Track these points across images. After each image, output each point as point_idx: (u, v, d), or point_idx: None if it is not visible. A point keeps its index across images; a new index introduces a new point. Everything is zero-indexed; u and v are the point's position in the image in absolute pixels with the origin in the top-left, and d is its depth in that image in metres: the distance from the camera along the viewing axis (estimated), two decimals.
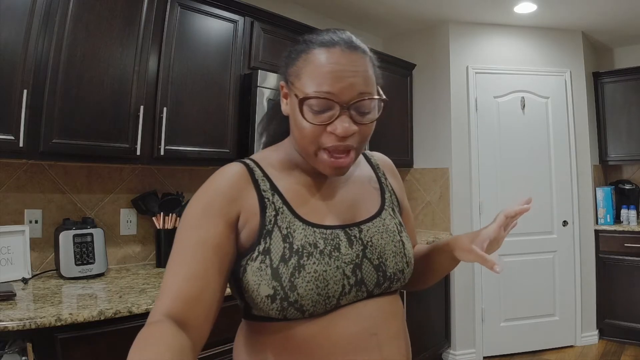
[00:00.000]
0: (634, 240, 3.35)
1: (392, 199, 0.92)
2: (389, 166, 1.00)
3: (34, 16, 1.58)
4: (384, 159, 1.01)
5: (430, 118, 3.44)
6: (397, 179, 0.99)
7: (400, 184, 1.00)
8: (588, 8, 3.08)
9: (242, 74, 2.27)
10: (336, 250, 0.77)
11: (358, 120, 0.76)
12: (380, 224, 0.84)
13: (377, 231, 0.83)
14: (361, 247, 0.79)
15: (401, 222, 0.89)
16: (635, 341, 3.33)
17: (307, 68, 0.76)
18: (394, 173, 0.99)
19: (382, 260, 0.80)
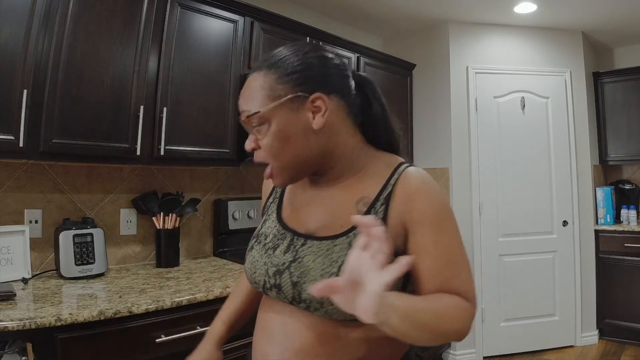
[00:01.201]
0: (634, 240, 3.35)
1: None
2: (409, 191, 0.81)
3: (34, 16, 1.58)
4: (409, 182, 0.82)
5: (430, 118, 3.44)
6: (414, 209, 0.80)
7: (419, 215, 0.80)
8: (588, 8, 3.08)
9: (242, 74, 2.27)
10: (272, 250, 0.85)
11: (258, 136, 0.82)
12: (326, 247, 0.79)
13: (315, 252, 0.79)
14: (291, 258, 0.81)
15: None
16: (635, 341, 3.33)
17: None
18: (411, 201, 0.80)
19: (301, 281, 0.78)
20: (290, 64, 0.81)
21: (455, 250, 0.81)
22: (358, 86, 0.88)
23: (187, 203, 2.25)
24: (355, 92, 0.87)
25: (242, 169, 2.67)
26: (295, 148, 0.80)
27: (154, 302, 1.51)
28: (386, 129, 0.90)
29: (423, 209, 0.79)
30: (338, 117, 0.83)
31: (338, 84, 0.83)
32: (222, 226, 2.45)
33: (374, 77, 3.29)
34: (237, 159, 2.24)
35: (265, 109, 0.79)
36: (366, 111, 0.88)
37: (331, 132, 0.82)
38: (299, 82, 0.80)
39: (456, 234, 0.82)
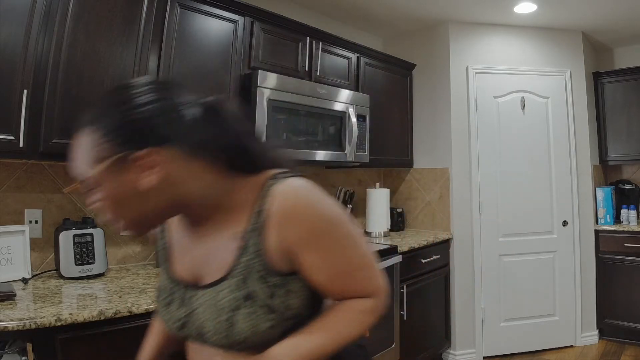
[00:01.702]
0: (634, 240, 3.35)
1: (251, 263, 0.75)
2: (282, 215, 0.74)
3: (34, 16, 1.58)
4: (281, 205, 0.74)
5: (430, 118, 3.44)
6: (292, 231, 0.74)
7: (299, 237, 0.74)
8: (588, 8, 3.08)
9: (242, 74, 2.27)
10: (168, 306, 0.83)
11: (91, 200, 0.76)
12: (211, 296, 0.76)
13: (205, 302, 0.76)
14: (186, 312, 0.79)
15: (251, 295, 0.74)
16: (635, 341, 3.33)
17: None
18: (287, 224, 0.74)
19: (201, 333, 0.77)
20: (112, 119, 0.72)
21: (345, 261, 0.78)
22: (206, 113, 0.78)
23: None
24: (201, 124, 0.76)
25: None
26: (136, 209, 0.74)
27: (154, 302, 1.51)
28: (248, 150, 0.80)
29: (298, 231, 0.74)
30: (178, 165, 0.74)
31: (171, 130, 0.73)
32: None
33: (374, 77, 3.30)
34: None
35: (91, 175, 0.72)
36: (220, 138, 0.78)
37: (174, 184, 0.74)
38: (124, 140, 0.71)
39: (345, 242, 0.78)
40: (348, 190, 3.15)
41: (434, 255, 3.02)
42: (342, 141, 2.66)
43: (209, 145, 0.77)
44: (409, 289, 2.76)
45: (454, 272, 3.23)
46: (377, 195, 3.18)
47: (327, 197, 0.80)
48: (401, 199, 3.59)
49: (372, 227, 3.17)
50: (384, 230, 3.16)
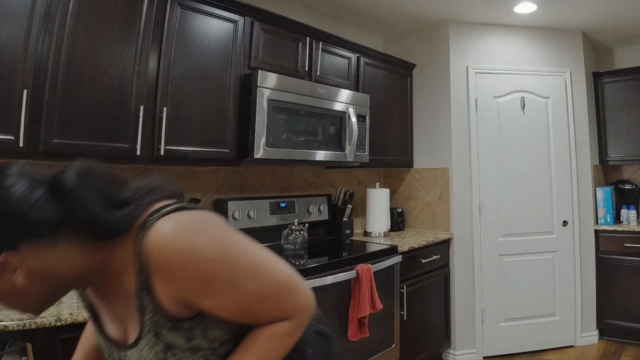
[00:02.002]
0: (634, 240, 3.35)
1: (155, 319, 0.73)
2: (159, 270, 0.70)
3: (34, 16, 1.58)
4: (158, 261, 0.69)
5: (430, 118, 3.44)
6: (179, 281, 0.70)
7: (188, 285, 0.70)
8: (588, 8, 3.08)
9: (242, 74, 2.27)
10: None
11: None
12: (138, 355, 0.75)
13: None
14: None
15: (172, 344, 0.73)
16: (635, 341, 3.33)
17: None
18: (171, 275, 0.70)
19: None
20: None
21: (244, 295, 0.73)
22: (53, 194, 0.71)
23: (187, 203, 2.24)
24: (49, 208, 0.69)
25: (242, 169, 2.67)
26: (24, 300, 0.72)
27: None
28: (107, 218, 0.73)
29: (183, 283, 0.70)
30: (41, 257, 0.69)
31: (17, 231, 0.68)
32: None
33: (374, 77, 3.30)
34: (237, 159, 2.24)
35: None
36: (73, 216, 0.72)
37: (44, 274, 0.70)
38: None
39: (237, 276, 0.72)
40: (348, 190, 3.15)
41: (434, 255, 3.02)
42: (342, 141, 2.66)
43: (64, 227, 0.71)
44: (409, 289, 2.76)
45: (454, 272, 3.23)
46: (377, 195, 3.18)
47: (211, 227, 0.73)
48: (401, 199, 3.59)
49: (372, 227, 3.17)
50: (384, 230, 3.16)
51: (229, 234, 0.75)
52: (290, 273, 0.79)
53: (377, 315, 2.41)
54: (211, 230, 0.73)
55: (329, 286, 2.16)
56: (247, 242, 0.77)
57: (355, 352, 2.30)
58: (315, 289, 2.10)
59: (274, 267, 0.77)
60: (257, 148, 2.19)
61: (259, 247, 0.79)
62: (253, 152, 2.18)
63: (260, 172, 2.77)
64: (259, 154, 2.20)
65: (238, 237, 0.76)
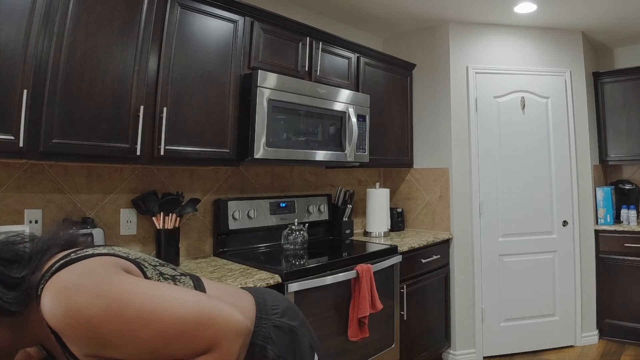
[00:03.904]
0: (634, 240, 3.35)
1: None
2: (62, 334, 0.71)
3: (34, 16, 1.58)
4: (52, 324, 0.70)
5: (430, 118, 3.44)
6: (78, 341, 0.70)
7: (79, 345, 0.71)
8: (588, 8, 3.08)
9: (242, 74, 2.27)
10: None
11: None
12: None
13: None
14: None
15: None
16: (635, 341, 3.33)
17: None
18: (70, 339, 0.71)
19: None
20: None
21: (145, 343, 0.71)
22: None
23: (187, 203, 2.25)
24: None
25: (242, 169, 2.67)
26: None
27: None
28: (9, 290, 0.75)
29: (81, 344, 0.70)
30: None
31: None
32: (222, 226, 2.45)
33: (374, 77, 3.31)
34: (237, 159, 2.24)
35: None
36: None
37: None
38: None
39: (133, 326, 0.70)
40: (348, 190, 3.15)
41: (434, 255, 3.02)
42: (342, 141, 2.66)
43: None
44: (409, 289, 2.76)
45: (454, 272, 3.23)
46: (377, 195, 3.18)
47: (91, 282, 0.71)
48: (401, 199, 3.59)
49: (372, 227, 3.17)
50: (384, 230, 3.16)
51: (114, 284, 0.72)
52: (197, 306, 0.74)
53: (377, 315, 2.41)
54: (91, 286, 0.71)
55: (329, 286, 2.16)
56: (139, 286, 0.74)
57: (355, 352, 2.30)
58: (315, 289, 2.10)
59: (172, 307, 0.73)
60: (257, 148, 2.19)
61: (156, 287, 0.75)
62: (253, 152, 2.18)
63: (260, 172, 2.77)
64: (259, 154, 2.20)
65: (127, 284, 0.73)
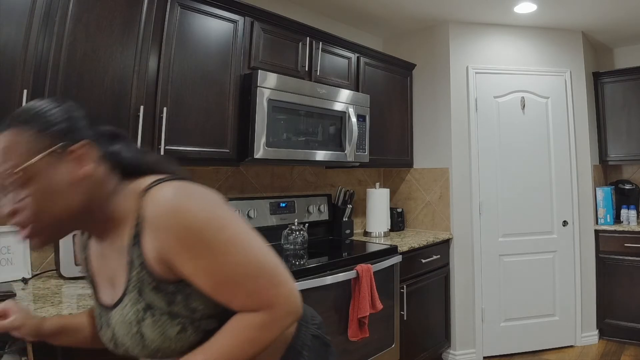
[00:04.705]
0: (634, 240, 3.35)
1: (140, 276, 0.76)
2: (155, 221, 0.74)
3: (34, 16, 1.58)
4: (153, 213, 0.74)
5: (430, 118, 3.44)
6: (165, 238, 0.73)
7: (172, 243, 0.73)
8: (588, 8, 3.08)
9: (242, 74, 2.27)
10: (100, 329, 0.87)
11: (15, 199, 0.73)
12: (119, 314, 0.79)
13: (119, 321, 0.80)
14: (112, 333, 0.83)
15: (151, 304, 0.76)
16: (635, 341, 3.33)
17: None
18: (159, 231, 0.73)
19: (127, 350, 0.81)
20: (48, 115, 0.77)
21: (223, 271, 0.73)
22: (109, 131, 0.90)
23: None
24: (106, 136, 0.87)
25: (242, 169, 2.67)
26: (60, 203, 0.75)
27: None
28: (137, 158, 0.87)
29: (168, 238, 0.72)
30: (97, 164, 0.80)
31: (90, 131, 0.82)
32: None
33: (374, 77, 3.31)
34: (237, 159, 2.24)
35: (28, 164, 0.73)
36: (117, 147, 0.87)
37: (95, 181, 0.79)
38: (61, 133, 0.77)
39: (223, 249, 0.73)
40: (348, 190, 3.15)
41: (434, 255, 3.02)
42: (342, 141, 2.66)
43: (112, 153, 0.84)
44: (409, 289, 2.76)
45: (453, 272, 3.23)
46: (377, 195, 3.18)
47: (206, 197, 0.76)
48: (401, 199, 3.59)
49: (372, 227, 3.17)
50: (384, 230, 3.16)
51: (222, 209, 0.77)
52: (275, 263, 0.77)
53: (377, 315, 2.41)
54: (205, 199, 0.76)
55: (328, 286, 2.16)
56: (239, 221, 0.77)
57: (355, 352, 2.30)
58: (315, 289, 2.10)
59: (258, 250, 0.76)
60: (257, 148, 2.19)
61: (252, 232, 0.78)
62: (253, 152, 2.18)
63: (260, 172, 2.77)
64: (259, 154, 2.20)
65: (231, 214, 0.77)
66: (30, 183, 0.73)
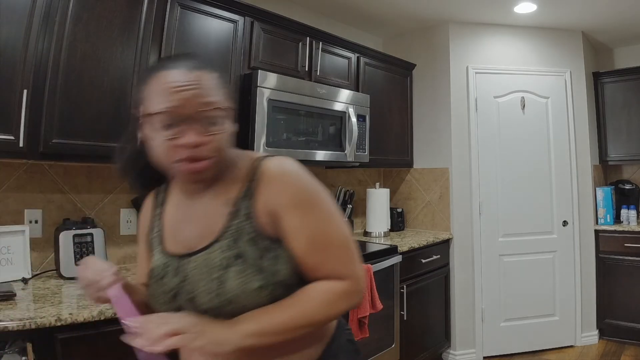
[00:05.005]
0: (634, 240, 3.35)
1: (241, 225, 0.83)
2: (270, 179, 0.84)
3: (34, 16, 1.58)
4: (269, 171, 0.85)
5: (430, 118, 3.44)
6: (277, 194, 0.83)
7: (283, 199, 0.83)
8: (588, 8, 3.08)
9: (242, 74, 2.27)
10: (161, 279, 0.88)
11: (205, 131, 0.80)
12: (203, 258, 0.83)
13: (198, 266, 0.83)
14: (181, 280, 0.85)
15: (241, 254, 0.81)
16: (635, 341, 3.33)
17: (150, 90, 0.82)
18: (273, 187, 0.84)
19: (193, 296, 0.82)
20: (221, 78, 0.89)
21: (324, 232, 0.83)
22: None
23: None
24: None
25: None
26: (225, 148, 0.85)
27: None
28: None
29: (283, 192, 0.83)
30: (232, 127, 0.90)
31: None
32: None
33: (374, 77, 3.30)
34: None
35: (228, 106, 0.84)
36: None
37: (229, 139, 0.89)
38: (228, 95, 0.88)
39: (326, 215, 0.84)
40: (348, 190, 3.15)
41: (434, 255, 3.02)
42: (342, 141, 2.66)
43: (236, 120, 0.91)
44: (409, 289, 2.76)
45: (454, 272, 3.23)
46: (377, 195, 3.18)
47: (313, 179, 0.88)
48: (401, 199, 3.59)
49: (372, 227, 3.17)
50: (384, 230, 3.16)
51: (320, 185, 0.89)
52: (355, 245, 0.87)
53: (377, 315, 2.41)
54: (314, 180, 0.89)
55: None
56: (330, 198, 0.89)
57: None
58: None
59: (346, 227, 0.88)
60: (257, 148, 2.19)
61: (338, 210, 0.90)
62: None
63: None
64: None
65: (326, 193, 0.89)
66: (223, 122, 0.83)
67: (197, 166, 0.80)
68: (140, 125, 0.86)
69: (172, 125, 0.79)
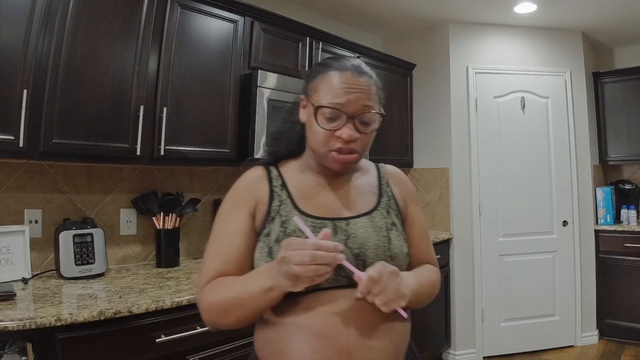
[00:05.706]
0: (634, 240, 3.35)
1: (389, 202, 1.02)
2: (396, 176, 1.10)
3: (34, 16, 1.58)
4: (392, 171, 1.11)
5: (430, 118, 3.44)
6: (405, 188, 1.09)
7: (409, 192, 1.09)
8: (588, 8, 3.08)
9: (242, 74, 2.27)
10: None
11: (361, 129, 0.94)
12: (369, 220, 0.96)
13: (363, 226, 0.94)
14: (344, 237, 0.91)
15: (395, 223, 0.99)
16: (635, 341, 3.33)
17: (323, 85, 0.94)
18: (401, 183, 1.09)
19: (362, 250, 0.91)
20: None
21: (425, 225, 1.10)
22: None
23: (187, 203, 2.25)
24: None
25: (242, 169, 2.66)
26: (368, 146, 1.00)
27: (154, 302, 1.51)
28: None
29: (409, 188, 1.10)
30: None
31: None
32: None
33: None
34: (237, 158, 2.24)
35: (382, 111, 0.98)
36: None
37: None
38: (383, 97, 1.02)
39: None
40: None
41: None
42: None
43: None
44: None
45: (454, 272, 3.23)
46: None
47: None
48: None
49: None
50: None
51: None
52: None
53: None
54: None
55: None
56: None
57: None
58: None
59: None
60: (257, 148, 2.19)
61: None
62: (253, 152, 2.18)
63: None
64: (259, 154, 2.20)
65: None
66: (374, 125, 0.97)
67: (348, 157, 0.94)
68: (305, 107, 0.99)
69: (334, 118, 0.92)
